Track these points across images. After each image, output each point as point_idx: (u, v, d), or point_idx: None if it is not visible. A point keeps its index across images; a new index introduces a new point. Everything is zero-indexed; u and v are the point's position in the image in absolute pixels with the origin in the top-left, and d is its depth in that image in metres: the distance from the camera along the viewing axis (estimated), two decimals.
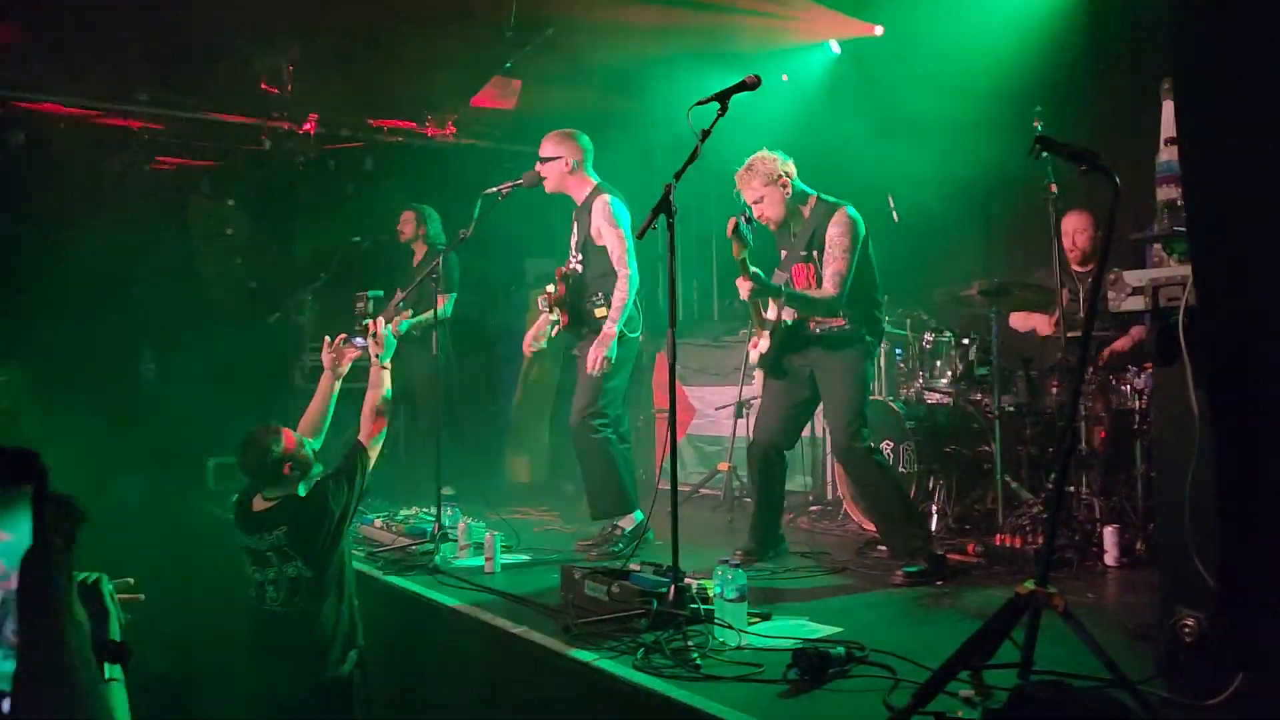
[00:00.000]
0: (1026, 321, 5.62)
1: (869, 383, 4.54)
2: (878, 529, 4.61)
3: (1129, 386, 4.76)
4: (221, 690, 3.89)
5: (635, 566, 3.62)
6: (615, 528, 4.87)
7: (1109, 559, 4.40)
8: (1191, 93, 2.53)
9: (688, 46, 7.06)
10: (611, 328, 4.72)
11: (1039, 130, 4.36)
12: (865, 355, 4.45)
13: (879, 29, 6.92)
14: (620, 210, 4.84)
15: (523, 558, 4.74)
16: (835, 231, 4.34)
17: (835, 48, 7.32)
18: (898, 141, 6.10)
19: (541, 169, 4.95)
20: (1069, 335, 4.82)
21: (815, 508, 6.14)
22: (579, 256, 4.97)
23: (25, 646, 1.47)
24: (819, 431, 6.10)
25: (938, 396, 5.64)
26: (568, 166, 4.93)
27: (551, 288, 4.92)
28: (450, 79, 7.77)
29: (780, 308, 4.49)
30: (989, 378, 5.16)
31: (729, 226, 4.03)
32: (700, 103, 3.52)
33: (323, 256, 7.24)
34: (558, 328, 5.03)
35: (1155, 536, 4.17)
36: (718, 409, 6.95)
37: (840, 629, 3.36)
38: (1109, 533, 4.43)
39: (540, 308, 5.01)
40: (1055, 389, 5.07)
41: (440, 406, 5.34)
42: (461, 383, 6.99)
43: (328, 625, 3.65)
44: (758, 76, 3.53)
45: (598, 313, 4.83)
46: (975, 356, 5.39)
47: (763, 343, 4.58)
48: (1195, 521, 2.77)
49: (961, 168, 5.96)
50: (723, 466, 6.38)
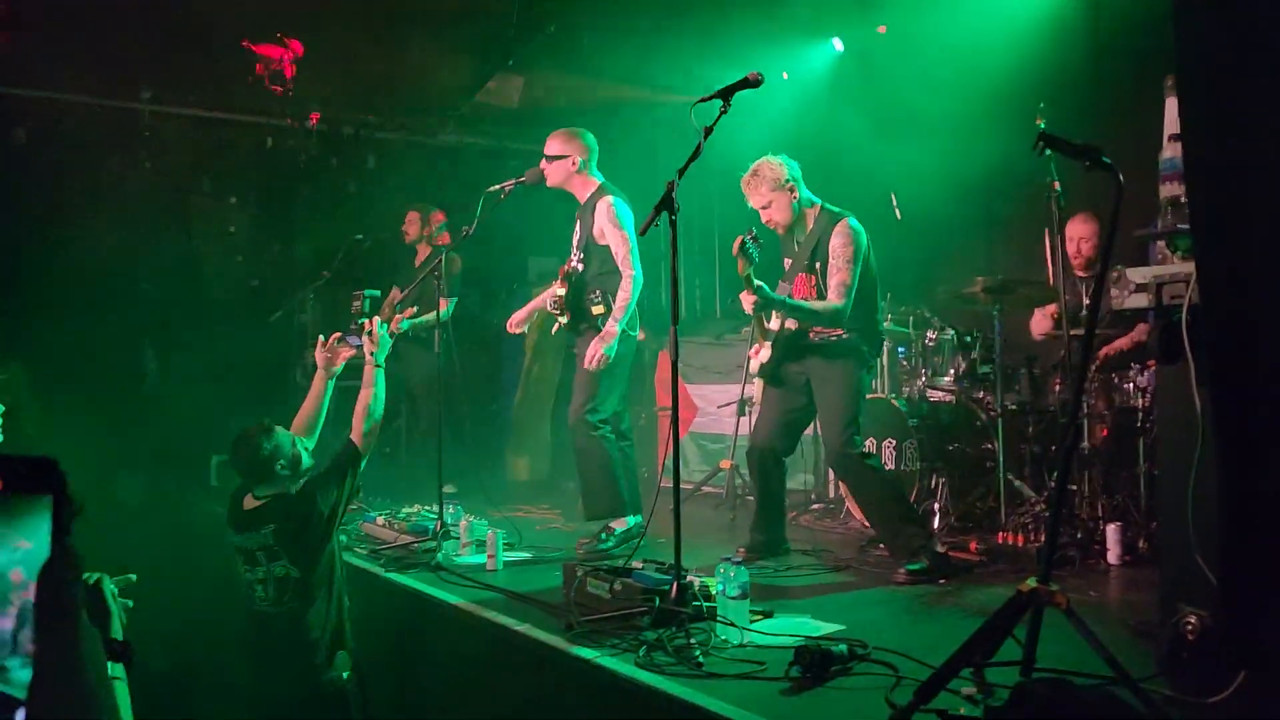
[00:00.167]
0: (1041, 323, 5.51)
1: (864, 392, 4.53)
2: (877, 533, 4.61)
3: (1132, 384, 4.76)
4: (220, 690, 3.88)
5: (638, 564, 3.62)
6: (607, 527, 4.87)
7: (1111, 557, 4.40)
8: (1194, 91, 2.52)
9: (686, 47, 7.06)
10: (614, 326, 4.72)
11: (1042, 127, 4.35)
12: (861, 365, 4.46)
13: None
14: (624, 211, 4.83)
15: (525, 555, 4.75)
16: (838, 243, 4.36)
17: (838, 45, 7.32)
18: (901, 139, 6.10)
19: (546, 167, 4.94)
20: (1072, 333, 4.81)
21: (817, 506, 6.13)
22: (580, 255, 4.96)
23: (41, 654, 1.47)
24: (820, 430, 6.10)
25: (940, 394, 5.64)
26: (574, 165, 4.92)
27: (561, 292, 4.91)
28: (452, 76, 7.76)
29: (784, 318, 4.49)
30: (991, 375, 5.16)
31: (735, 245, 4.04)
32: (703, 100, 3.51)
33: (325, 255, 7.23)
34: (557, 325, 5.04)
35: (1157, 534, 4.16)
36: (720, 407, 6.95)
37: (842, 626, 3.36)
38: (1111, 530, 4.43)
39: (550, 308, 5.00)
40: (1058, 387, 5.06)
41: (442, 405, 5.34)
42: (463, 381, 6.98)
43: (315, 626, 3.63)
44: (760, 74, 3.52)
45: (594, 310, 4.82)
46: (978, 354, 5.39)
47: (764, 352, 4.59)
48: (1198, 519, 2.77)
49: (964, 165, 5.95)
50: (725, 464, 6.37)
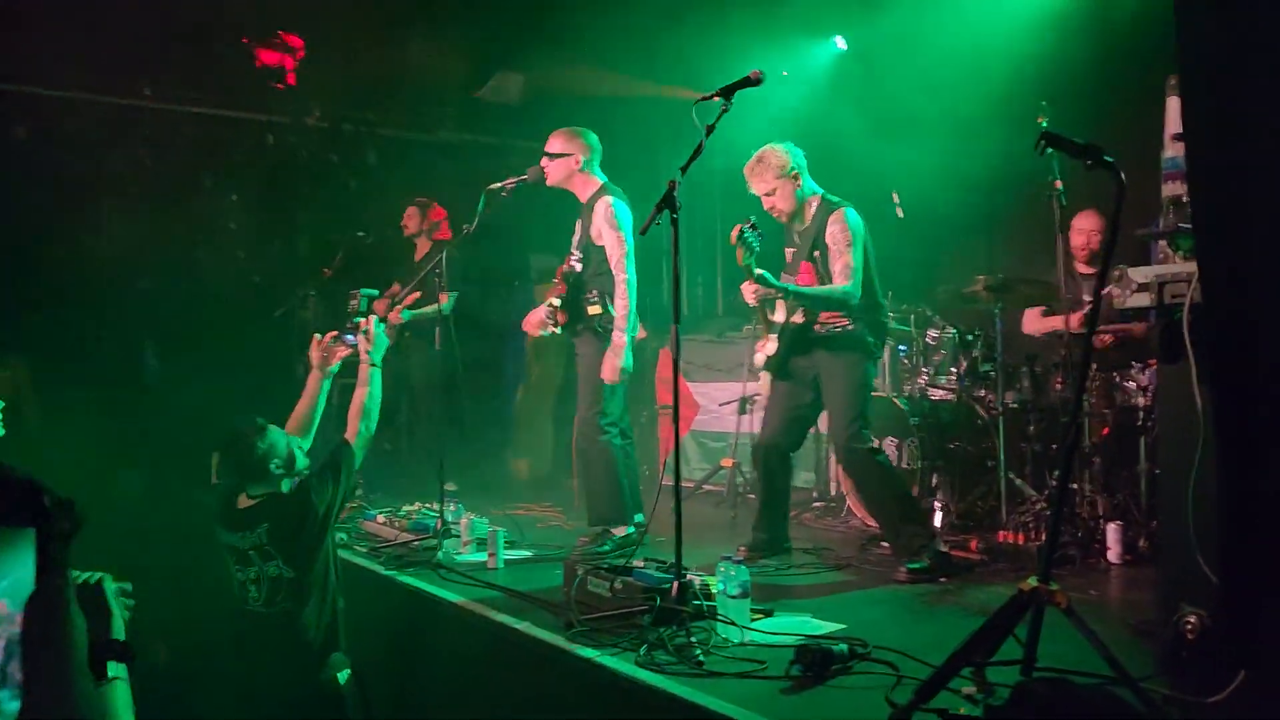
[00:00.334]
0: (1045, 323, 5.50)
1: (871, 385, 4.53)
2: (880, 528, 4.61)
3: (1133, 383, 4.75)
4: (217, 689, 3.87)
5: (639, 563, 3.62)
6: (608, 531, 4.86)
7: (1112, 556, 4.40)
8: (1195, 91, 2.52)
9: (688, 45, 7.04)
10: (621, 336, 4.64)
11: (1044, 126, 4.35)
12: (868, 357, 4.46)
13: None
14: (623, 213, 4.78)
15: (525, 553, 4.75)
16: (835, 229, 4.36)
17: (841, 44, 7.31)
18: (902, 137, 6.10)
19: (548, 164, 4.92)
20: (1073, 332, 4.81)
21: (818, 504, 6.13)
22: (578, 255, 4.95)
23: (29, 686, 1.46)
24: (823, 429, 6.09)
25: (941, 393, 5.64)
26: (577, 164, 4.90)
27: (557, 302, 4.88)
28: (454, 73, 7.75)
29: (789, 310, 4.48)
30: (993, 374, 5.16)
31: (733, 234, 4.03)
32: (704, 98, 3.50)
33: (327, 251, 7.22)
34: (554, 328, 5.01)
35: (1158, 534, 4.16)
36: (721, 405, 6.94)
37: (843, 625, 3.37)
38: (1112, 530, 4.43)
39: (545, 319, 4.95)
40: (1059, 385, 5.06)
41: (443, 402, 5.35)
42: (465, 378, 6.98)
43: (309, 627, 3.60)
44: (761, 72, 3.51)
45: (591, 310, 4.80)
46: (979, 353, 5.39)
47: (770, 345, 4.57)
48: (1198, 519, 2.77)
49: (966, 164, 5.95)
50: (726, 462, 6.37)
